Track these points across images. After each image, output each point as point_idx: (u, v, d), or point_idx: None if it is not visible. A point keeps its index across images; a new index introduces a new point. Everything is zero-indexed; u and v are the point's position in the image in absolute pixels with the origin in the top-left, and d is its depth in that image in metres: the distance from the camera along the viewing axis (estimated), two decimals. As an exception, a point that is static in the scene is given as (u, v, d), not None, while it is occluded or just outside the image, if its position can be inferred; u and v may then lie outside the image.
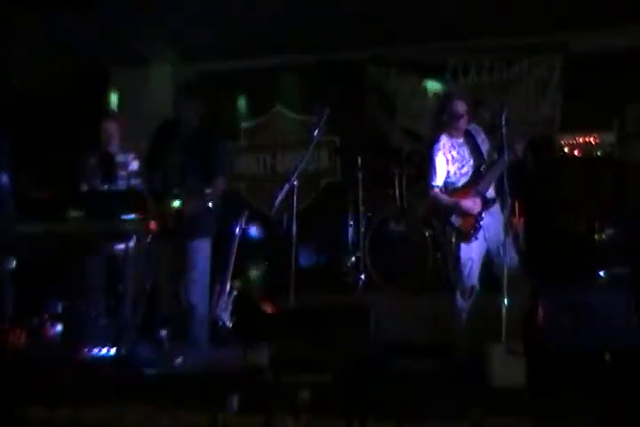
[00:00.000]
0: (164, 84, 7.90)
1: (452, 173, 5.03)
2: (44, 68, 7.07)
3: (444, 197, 4.99)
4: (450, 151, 5.03)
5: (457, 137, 5.04)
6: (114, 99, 8.14)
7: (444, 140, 5.05)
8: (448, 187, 5.04)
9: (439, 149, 5.03)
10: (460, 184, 5.02)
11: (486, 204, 4.89)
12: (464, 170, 5.01)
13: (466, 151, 5.02)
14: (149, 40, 7.45)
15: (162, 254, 4.83)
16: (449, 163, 5.03)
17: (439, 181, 5.04)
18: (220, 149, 5.15)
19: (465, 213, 4.89)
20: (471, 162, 4.99)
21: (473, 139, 5.01)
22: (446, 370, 4.59)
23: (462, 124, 4.97)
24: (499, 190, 4.91)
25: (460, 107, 4.93)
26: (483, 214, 4.86)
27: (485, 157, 4.97)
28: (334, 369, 4.01)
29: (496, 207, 4.96)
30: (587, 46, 7.00)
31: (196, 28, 7.19)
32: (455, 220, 4.91)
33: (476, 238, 4.85)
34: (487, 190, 4.92)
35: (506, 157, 4.70)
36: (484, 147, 5.02)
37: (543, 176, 6.03)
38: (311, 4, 6.67)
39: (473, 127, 5.06)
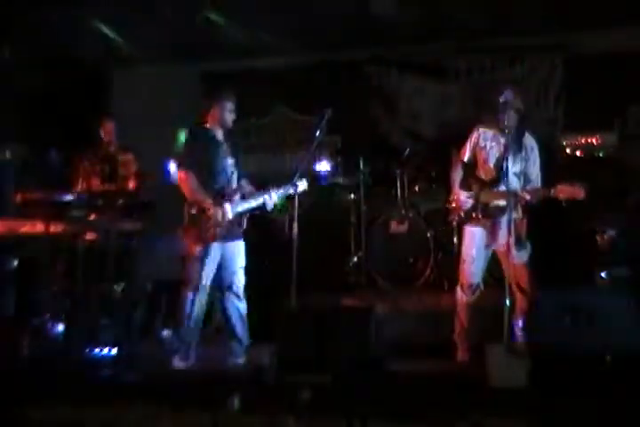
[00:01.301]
0: (165, 83, 7.91)
1: (478, 159, 4.95)
2: (45, 67, 7.07)
3: (455, 176, 4.98)
4: (486, 140, 4.91)
5: (500, 133, 4.85)
6: (115, 99, 8.16)
7: (488, 128, 4.93)
8: (469, 170, 4.98)
9: (477, 131, 4.95)
10: (479, 175, 4.95)
11: (474, 210, 4.87)
12: (487, 166, 4.91)
13: (499, 152, 4.85)
14: (150, 40, 7.47)
15: (217, 252, 4.88)
16: (478, 148, 4.93)
17: (466, 157, 4.98)
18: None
19: (456, 202, 4.92)
20: (494, 164, 4.86)
21: (517, 150, 4.75)
22: (446, 370, 4.59)
23: (508, 114, 4.77)
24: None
25: (510, 94, 4.78)
26: (466, 215, 4.87)
27: (517, 176, 4.74)
28: (334, 369, 4.01)
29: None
30: (588, 46, 7.00)
31: (196, 28, 7.20)
32: (448, 204, 5.02)
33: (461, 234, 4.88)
34: (485, 201, 4.88)
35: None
36: (523, 166, 4.78)
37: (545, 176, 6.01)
38: (311, 5, 6.68)
39: (530, 140, 4.86)
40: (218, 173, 4.90)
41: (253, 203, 4.92)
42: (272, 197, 4.93)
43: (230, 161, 4.97)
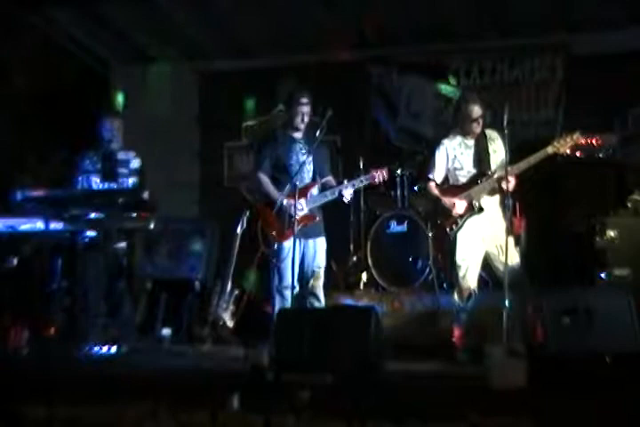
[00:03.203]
0: (166, 83, 7.91)
1: (451, 170, 5.06)
2: (46, 66, 7.07)
3: (434, 191, 5.06)
4: (454, 149, 5.05)
5: (469, 138, 5.05)
6: (116, 97, 8.15)
7: (453, 137, 5.08)
8: (445, 183, 5.08)
9: (444, 145, 5.08)
10: (456, 183, 5.05)
11: (471, 209, 4.90)
12: (463, 172, 5.02)
13: (471, 154, 5.02)
14: (151, 39, 7.47)
15: (297, 249, 4.90)
16: (449, 160, 5.06)
17: (436, 175, 5.11)
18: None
19: (446, 212, 4.94)
20: (472, 166, 4.99)
21: (484, 144, 4.98)
22: (446, 370, 4.59)
23: (475, 128, 4.98)
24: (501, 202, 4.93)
25: (475, 112, 4.93)
26: (464, 218, 4.89)
27: (491, 166, 4.94)
28: (334, 369, 4.01)
29: (496, 209, 4.96)
30: (588, 47, 7.00)
31: (197, 27, 7.21)
32: (438, 216, 5.03)
33: (454, 239, 4.90)
34: (479, 198, 4.92)
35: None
36: (496, 155, 4.96)
37: (544, 177, 6.02)
38: (311, 4, 6.68)
39: (491, 134, 5.04)
40: (292, 169, 5.00)
41: (329, 196, 5.04)
42: (348, 189, 5.04)
43: (307, 158, 5.04)
